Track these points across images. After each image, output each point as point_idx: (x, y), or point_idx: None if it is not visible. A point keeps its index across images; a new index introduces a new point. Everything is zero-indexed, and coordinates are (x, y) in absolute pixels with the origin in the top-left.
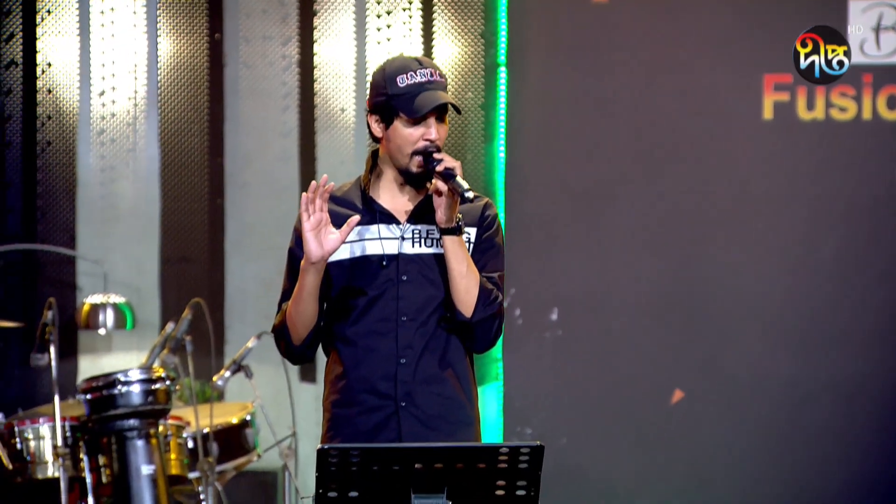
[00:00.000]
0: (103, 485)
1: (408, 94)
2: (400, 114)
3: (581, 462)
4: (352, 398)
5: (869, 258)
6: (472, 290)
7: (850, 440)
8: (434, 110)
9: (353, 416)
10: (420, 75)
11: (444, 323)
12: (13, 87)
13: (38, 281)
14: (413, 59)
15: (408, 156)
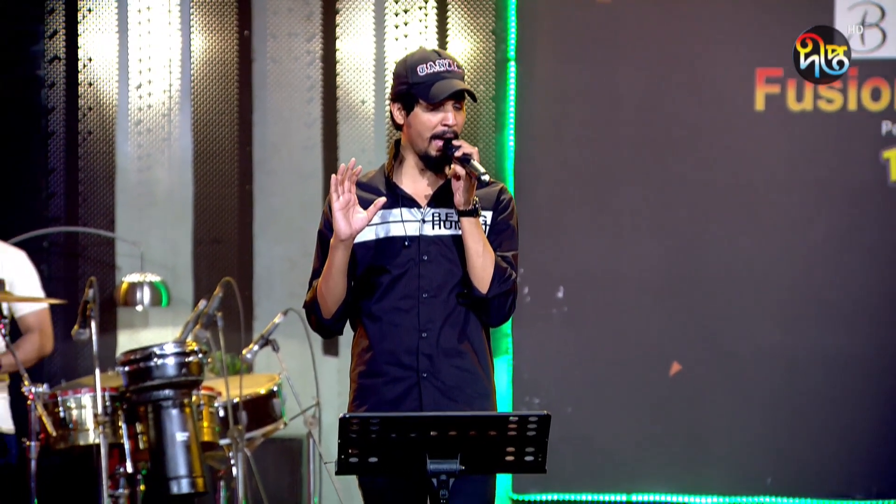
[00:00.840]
0: (140, 451)
1: (427, 82)
2: (420, 100)
3: (586, 430)
4: (377, 369)
5: (855, 238)
6: (488, 268)
7: (838, 408)
8: (451, 97)
9: (379, 385)
10: (439, 65)
11: (463, 299)
12: (56, 80)
13: (80, 261)
14: (433, 51)
15: (427, 140)
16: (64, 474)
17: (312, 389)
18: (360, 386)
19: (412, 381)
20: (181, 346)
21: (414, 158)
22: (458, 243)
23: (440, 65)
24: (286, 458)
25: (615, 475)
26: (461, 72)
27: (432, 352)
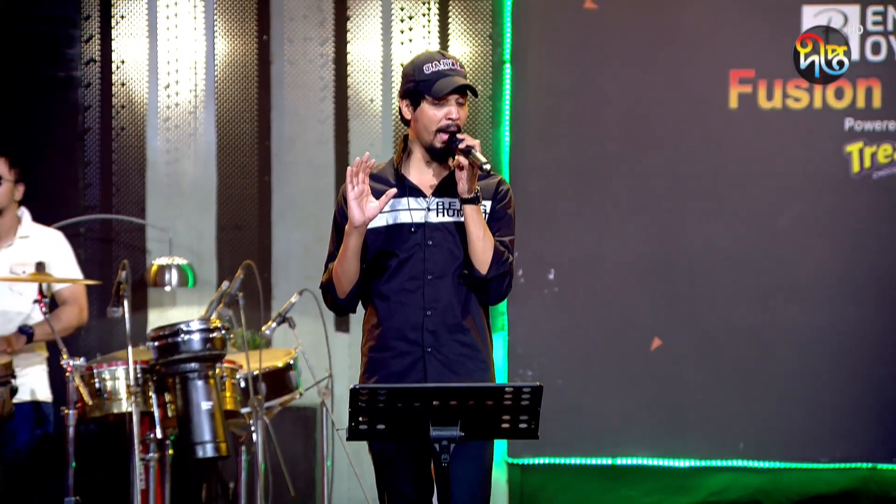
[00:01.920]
0: (168, 418)
1: (432, 79)
2: (426, 96)
3: (575, 400)
4: (386, 344)
5: (820, 226)
6: (487, 251)
7: (804, 380)
8: (454, 91)
9: (387, 359)
10: (443, 64)
11: (464, 280)
12: (92, 80)
13: (113, 245)
14: (437, 52)
15: (433, 133)
16: (99, 440)
17: (325, 363)
18: (371, 359)
19: (417, 356)
20: (206, 323)
21: (421, 151)
22: (460, 230)
23: (444, 64)
24: (301, 425)
25: (601, 441)
26: (463, 70)
27: (436, 328)
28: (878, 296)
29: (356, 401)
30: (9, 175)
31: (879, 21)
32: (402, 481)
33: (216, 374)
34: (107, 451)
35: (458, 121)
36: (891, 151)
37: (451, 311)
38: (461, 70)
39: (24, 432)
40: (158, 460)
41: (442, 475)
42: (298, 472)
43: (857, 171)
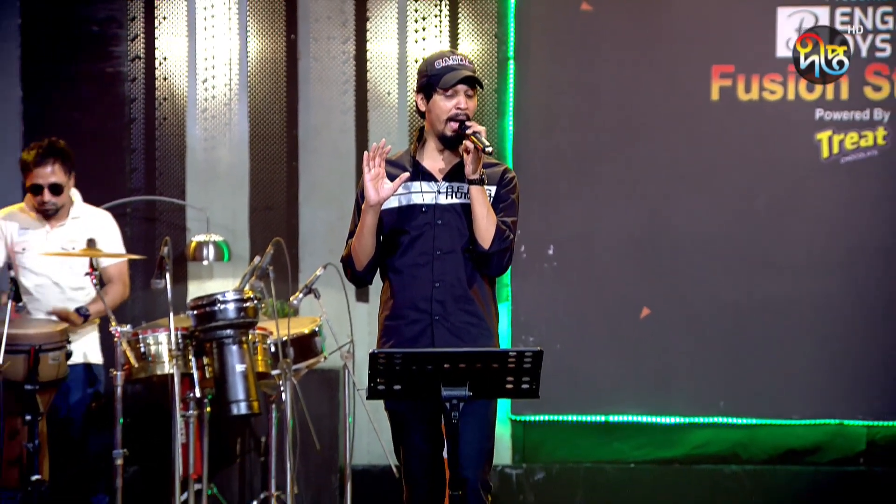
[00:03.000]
0: (206, 379)
1: (442, 72)
2: (437, 89)
3: (572, 363)
4: (399, 313)
5: (793, 206)
6: (490, 229)
7: (779, 345)
8: (461, 82)
9: (400, 326)
10: (452, 60)
11: (469, 255)
12: (137, 75)
13: (157, 224)
14: (448, 50)
15: (444, 122)
16: (144, 399)
17: (347, 329)
18: (386, 326)
19: (427, 323)
20: (240, 293)
21: (434, 141)
22: (466, 211)
23: (453, 59)
24: (326, 386)
25: (596, 400)
26: (472, 66)
27: (444, 299)
28: (845, 269)
29: (375, 364)
30: (68, 181)
31: (847, 21)
32: (415, 436)
33: (249, 340)
34: (151, 409)
35: (467, 110)
36: (857, 139)
37: (458, 284)
38: (469, 65)
39: (77, 391)
40: (197, 417)
41: (452, 430)
42: (323, 427)
43: (827, 156)
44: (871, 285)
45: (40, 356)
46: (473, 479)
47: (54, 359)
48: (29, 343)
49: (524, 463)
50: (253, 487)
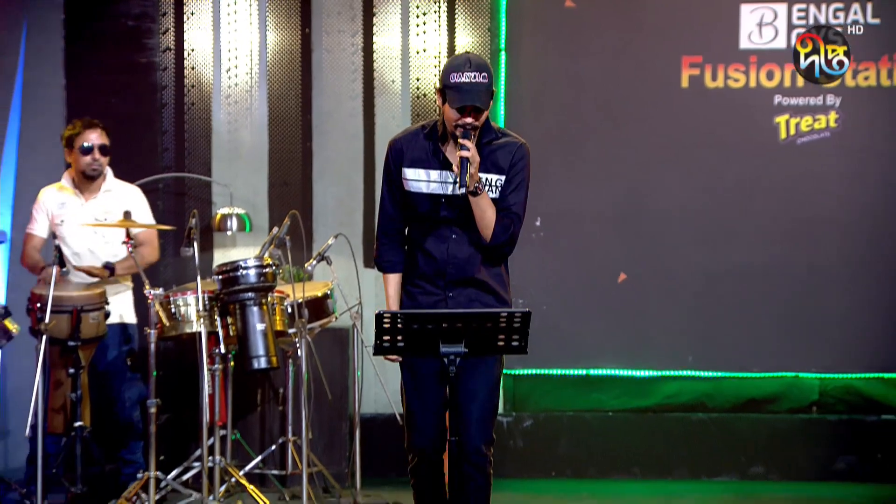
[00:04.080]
0: (230, 337)
1: (454, 89)
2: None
3: (557, 322)
4: (417, 283)
5: (755, 182)
6: (488, 228)
7: (742, 305)
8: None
9: (417, 294)
10: (464, 77)
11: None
12: (168, 65)
13: (185, 198)
14: (465, 61)
15: (452, 126)
16: (174, 354)
17: (356, 293)
18: (408, 292)
19: (440, 297)
20: (260, 260)
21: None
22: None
23: (465, 77)
24: (337, 343)
25: (578, 355)
26: (484, 81)
27: (456, 278)
28: (801, 239)
29: (381, 323)
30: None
31: (803, 17)
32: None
33: (268, 302)
34: (181, 364)
35: (471, 124)
36: (811, 122)
37: (469, 266)
38: (482, 82)
39: (114, 348)
40: (222, 371)
41: (451, 382)
42: (334, 380)
43: (785, 137)
44: (824, 253)
45: (82, 316)
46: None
47: (94, 318)
48: (72, 304)
49: (514, 411)
50: (272, 433)
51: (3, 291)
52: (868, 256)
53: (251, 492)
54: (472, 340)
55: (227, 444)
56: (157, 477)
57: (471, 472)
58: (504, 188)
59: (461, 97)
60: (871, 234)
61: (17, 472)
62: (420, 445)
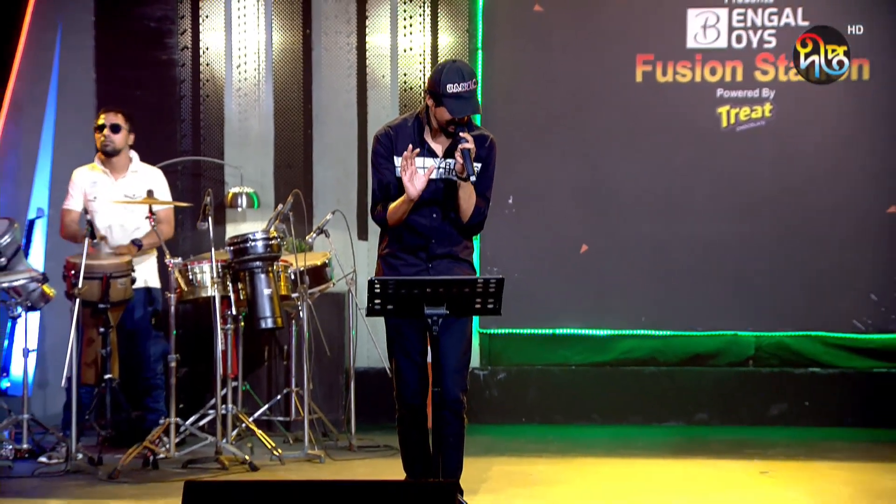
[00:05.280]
0: (241, 300)
1: (455, 98)
2: (445, 107)
3: (528, 289)
4: (400, 256)
5: (700, 164)
6: (468, 211)
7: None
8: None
9: (400, 266)
10: (461, 87)
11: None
12: (186, 62)
13: (201, 179)
14: (458, 70)
15: (445, 124)
16: (192, 315)
17: (351, 262)
18: (389, 263)
19: (422, 268)
20: (266, 234)
21: (435, 125)
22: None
23: (462, 87)
24: (334, 306)
25: (545, 317)
26: (475, 88)
27: (436, 252)
28: (740, 214)
29: (372, 289)
30: (125, 125)
31: (741, 20)
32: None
33: (274, 269)
34: (197, 324)
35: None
36: (749, 112)
37: (448, 240)
38: (472, 90)
39: (139, 309)
40: (234, 330)
41: (434, 341)
42: (332, 338)
43: (726, 126)
44: (759, 226)
45: (111, 282)
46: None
47: (122, 284)
48: (102, 271)
49: (490, 366)
50: (277, 384)
51: (41, 260)
52: (797, 230)
53: (259, 436)
54: (452, 304)
55: (238, 394)
56: (176, 423)
57: (449, 417)
58: (479, 175)
59: (462, 107)
60: (800, 210)
61: (55, 418)
62: (407, 396)
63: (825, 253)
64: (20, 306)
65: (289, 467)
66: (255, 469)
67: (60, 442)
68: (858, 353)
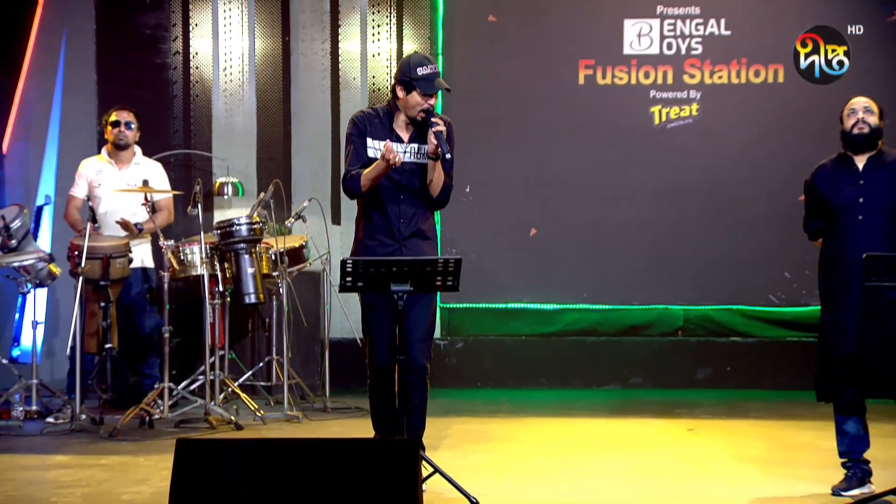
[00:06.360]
0: (227, 278)
1: (425, 79)
2: (417, 89)
3: (483, 267)
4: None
5: (635, 157)
6: (438, 185)
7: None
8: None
9: (375, 246)
10: (429, 69)
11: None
12: (177, 65)
13: (192, 169)
14: (423, 56)
15: (417, 111)
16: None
17: (325, 244)
18: (365, 244)
19: (395, 248)
20: (250, 219)
21: (403, 116)
22: (422, 168)
23: (430, 69)
24: (310, 283)
25: (499, 293)
26: (438, 71)
27: (406, 231)
28: (668, 200)
29: (345, 268)
30: (135, 122)
31: (672, 29)
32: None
33: (257, 251)
34: (189, 299)
35: (433, 105)
36: (678, 111)
37: (417, 220)
38: (438, 72)
39: (136, 286)
40: (221, 304)
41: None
42: (309, 312)
43: (658, 123)
44: (687, 211)
45: (110, 261)
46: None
47: (120, 263)
48: (102, 252)
49: (449, 336)
50: (260, 353)
51: (48, 242)
52: (720, 215)
53: (244, 399)
54: (416, 281)
55: (224, 361)
56: (169, 387)
57: (414, 381)
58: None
59: (435, 84)
60: (723, 198)
61: (60, 383)
62: (378, 363)
63: (745, 236)
64: (29, 283)
65: (270, 426)
66: (239, 428)
67: (66, 404)
68: (774, 324)
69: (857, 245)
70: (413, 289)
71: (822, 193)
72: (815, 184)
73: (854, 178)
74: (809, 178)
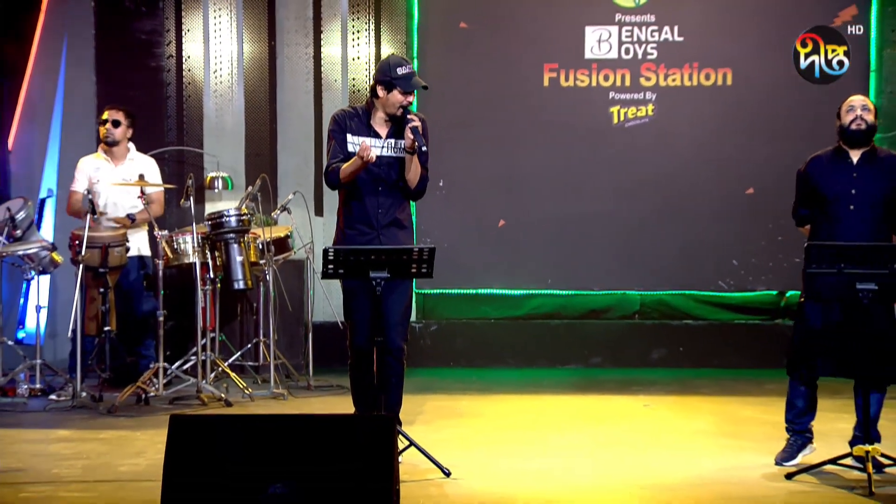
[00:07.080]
0: (218, 266)
1: (404, 78)
2: (398, 87)
3: (456, 255)
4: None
5: (596, 154)
6: (416, 177)
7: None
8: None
9: (354, 236)
10: (407, 69)
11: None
12: (171, 68)
13: (184, 165)
14: (401, 57)
15: (396, 108)
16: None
17: (309, 234)
18: (345, 234)
19: (373, 236)
20: (239, 211)
21: (381, 113)
22: (399, 161)
23: (408, 69)
24: (295, 270)
25: (470, 279)
26: (414, 70)
27: (384, 221)
28: (627, 194)
29: (326, 256)
30: (125, 120)
31: (629, 35)
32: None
33: (245, 240)
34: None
35: (410, 103)
36: (635, 111)
37: (394, 210)
38: (414, 71)
39: (133, 273)
40: (212, 290)
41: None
42: (293, 297)
43: (616, 122)
44: (644, 203)
45: (109, 250)
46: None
47: (118, 252)
48: (101, 241)
49: (424, 319)
50: (248, 335)
51: (51, 232)
52: (674, 207)
53: (233, 378)
54: (393, 268)
55: (215, 343)
56: (164, 367)
57: (391, 362)
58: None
59: (413, 82)
60: (676, 191)
61: (62, 363)
62: (357, 344)
63: (696, 226)
64: (33, 270)
65: (258, 403)
66: (229, 405)
67: (67, 383)
68: (723, 308)
69: (846, 234)
70: (390, 276)
71: (816, 182)
72: (810, 172)
73: (848, 170)
74: (803, 167)
